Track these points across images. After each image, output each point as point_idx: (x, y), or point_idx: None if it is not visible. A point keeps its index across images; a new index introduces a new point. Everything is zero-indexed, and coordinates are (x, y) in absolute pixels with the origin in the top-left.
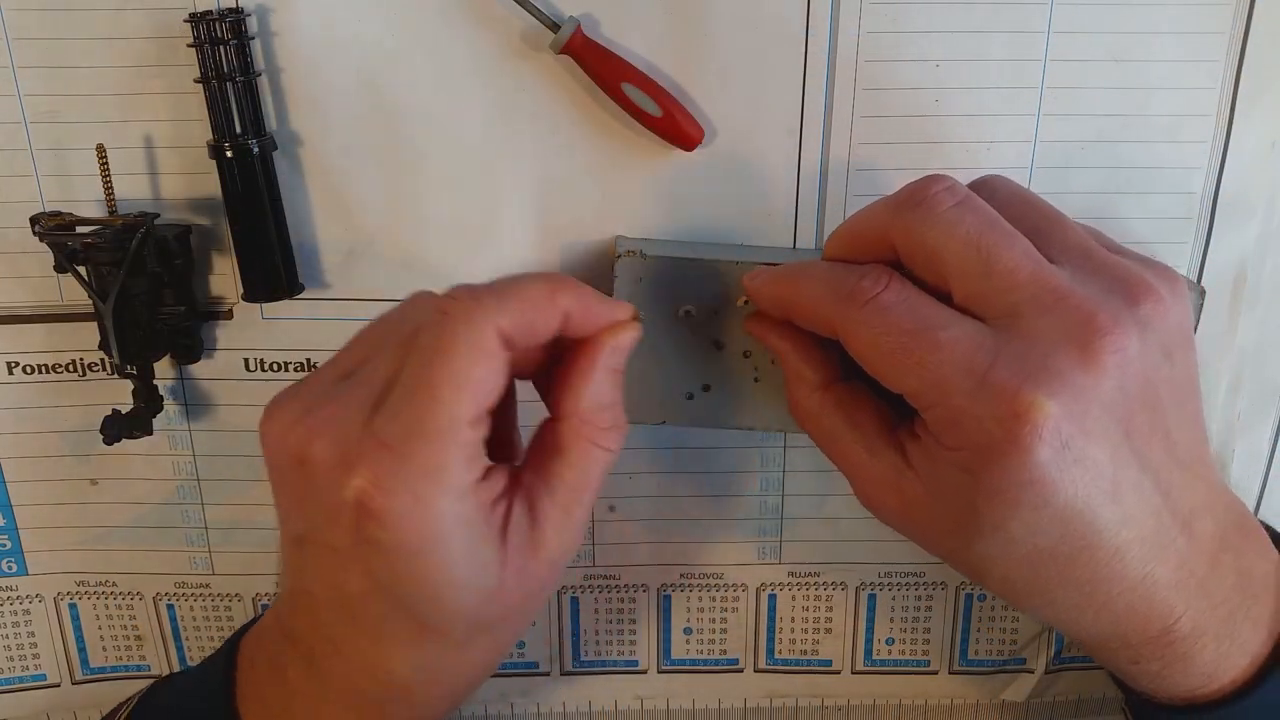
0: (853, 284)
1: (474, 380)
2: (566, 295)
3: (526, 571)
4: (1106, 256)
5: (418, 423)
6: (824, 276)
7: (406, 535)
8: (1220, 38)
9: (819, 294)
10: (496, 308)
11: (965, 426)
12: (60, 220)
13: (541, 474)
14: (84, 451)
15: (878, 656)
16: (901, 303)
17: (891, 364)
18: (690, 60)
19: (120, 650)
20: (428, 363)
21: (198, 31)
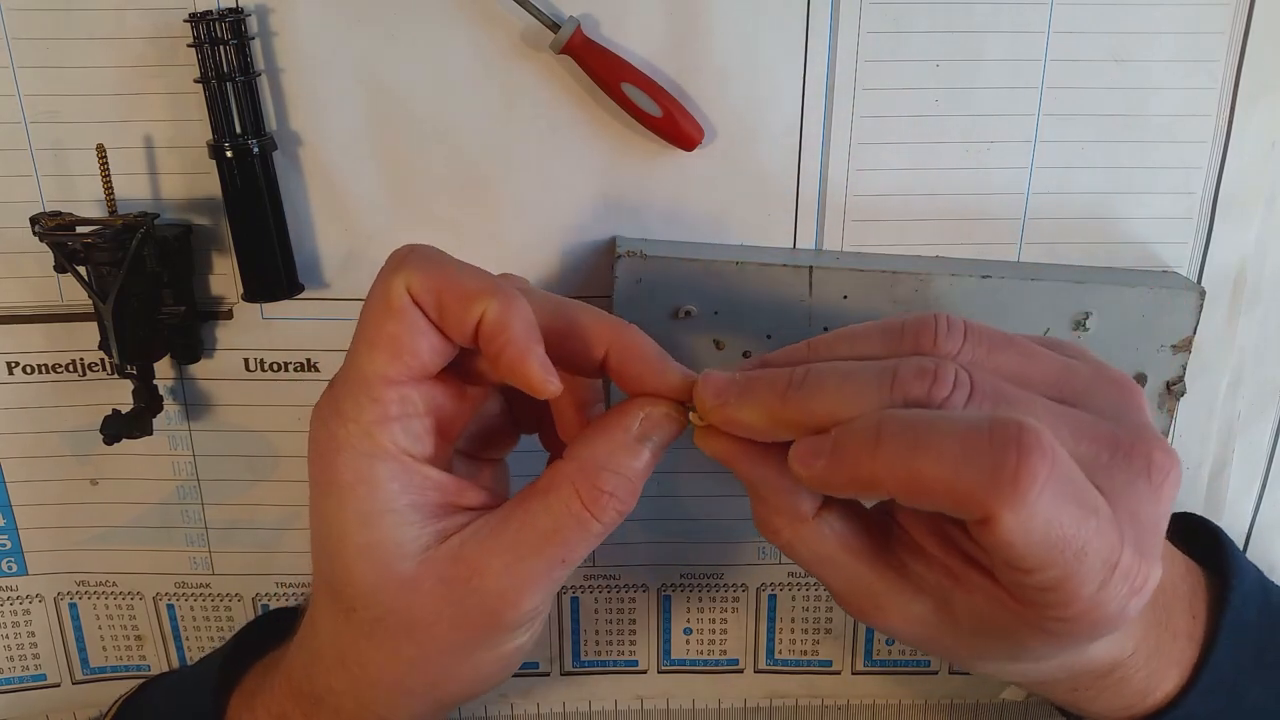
0: (1010, 462)
1: (385, 335)
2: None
3: (450, 586)
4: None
5: (344, 367)
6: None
7: (318, 469)
8: (1220, 38)
9: (949, 477)
10: (414, 270)
11: (1079, 605)
12: (60, 220)
13: (519, 504)
14: (84, 451)
15: (878, 656)
16: (1064, 484)
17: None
18: (690, 60)
19: (120, 650)
20: (358, 322)
21: (198, 31)
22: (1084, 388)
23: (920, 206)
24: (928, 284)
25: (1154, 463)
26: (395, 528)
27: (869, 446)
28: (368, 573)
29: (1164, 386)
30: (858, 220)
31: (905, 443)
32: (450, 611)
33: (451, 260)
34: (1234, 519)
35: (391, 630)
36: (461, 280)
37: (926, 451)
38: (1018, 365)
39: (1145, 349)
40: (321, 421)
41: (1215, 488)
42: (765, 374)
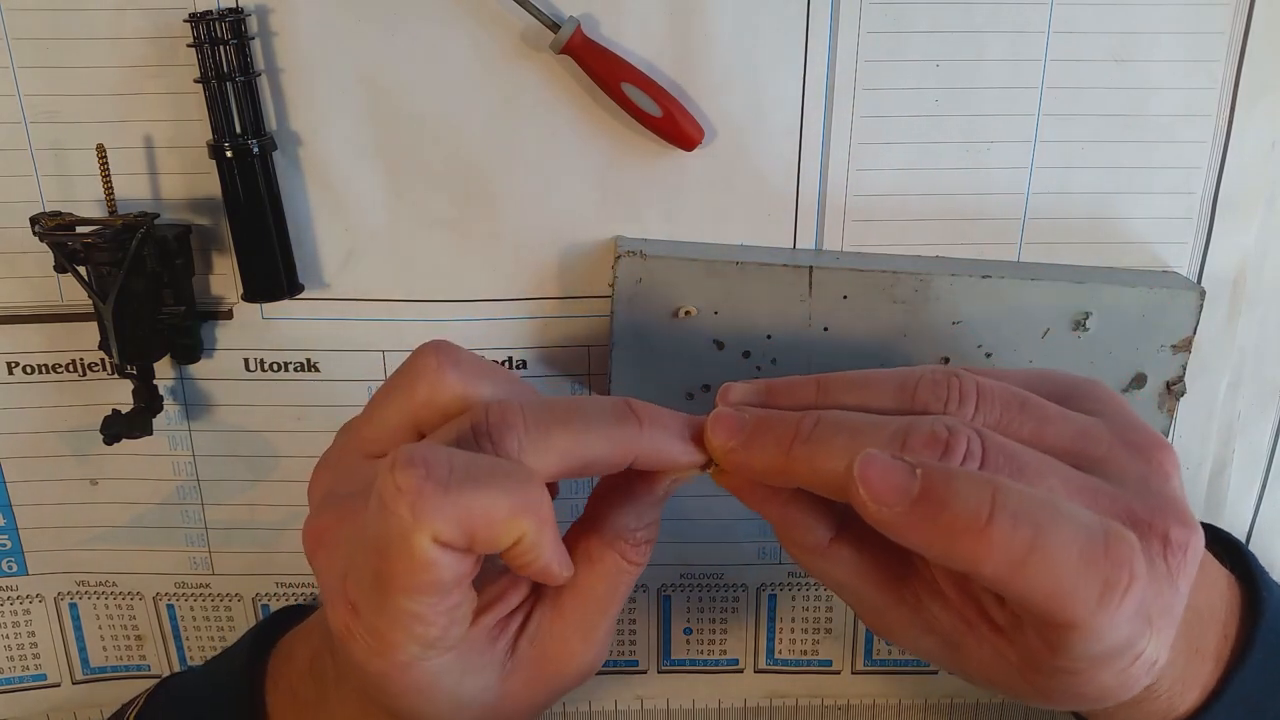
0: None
1: (418, 584)
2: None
3: (538, 680)
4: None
5: (375, 607)
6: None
7: (381, 681)
8: (1220, 38)
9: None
10: (437, 518)
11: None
12: (60, 220)
13: (567, 587)
14: (84, 451)
15: (878, 656)
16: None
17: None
18: (690, 60)
19: (120, 650)
20: (370, 555)
21: (198, 31)
22: (1103, 454)
23: (920, 206)
24: (928, 284)
25: (1171, 541)
26: (476, 683)
27: (978, 517)
28: (464, 716)
29: (1164, 386)
30: (858, 220)
31: (1025, 529)
32: (545, 694)
33: (463, 477)
34: (1234, 519)
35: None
36: (489, 508)
37: (1044, 548)
38: (1033, 430)
39: (1145, 349)
40: (371, 652)
41: (1215, 488)
42: (772, 421)
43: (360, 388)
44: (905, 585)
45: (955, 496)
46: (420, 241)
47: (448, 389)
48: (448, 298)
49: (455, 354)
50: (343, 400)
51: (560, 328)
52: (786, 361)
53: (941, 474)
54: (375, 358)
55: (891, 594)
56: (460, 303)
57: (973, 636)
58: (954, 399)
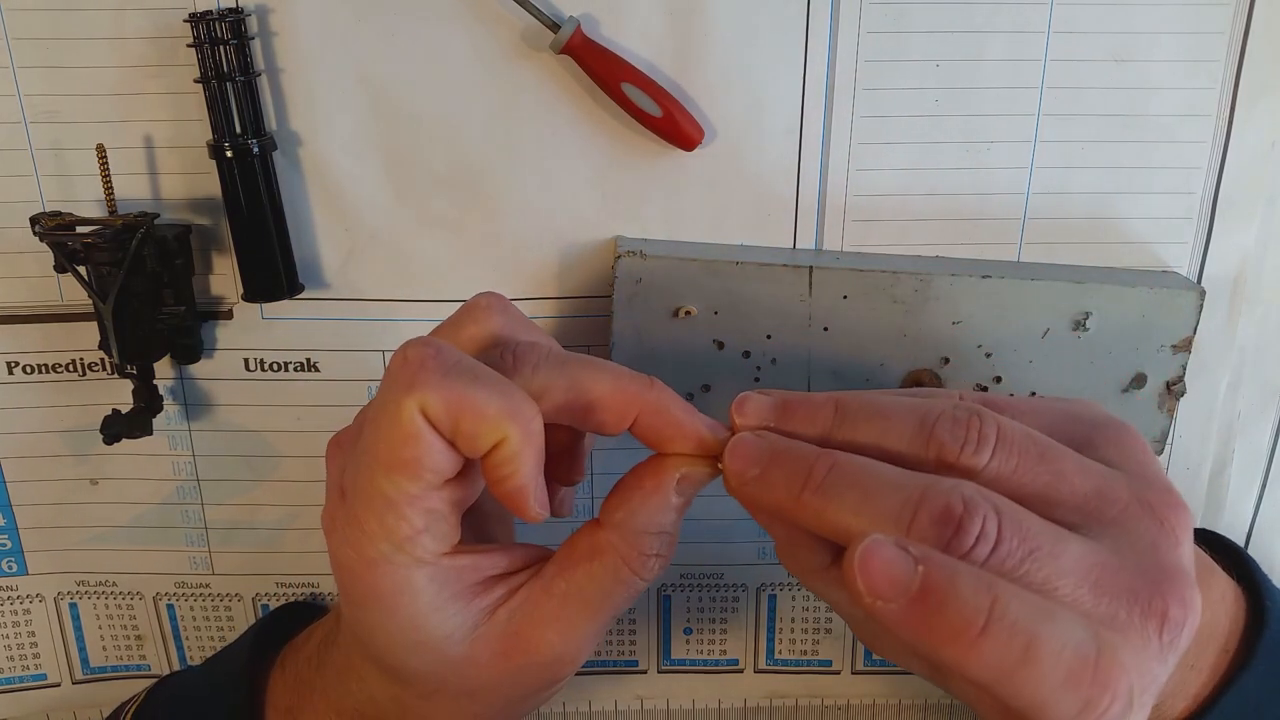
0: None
1: (402, 459)
2: (517, 426)
3: (508, 658)
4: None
5: (359, 483)
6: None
7: (351, 585)
8: (1220, 38)
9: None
10: (426, 389)
11: None
12: (60, 220)
13: (563, 574)
14: (84, 451)
15: (877, 657)
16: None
17: None
18: (690, 60)
19: (120, 650)
20: (366, 434)
21: (198, 31)
22: (1117, 515)
23: (920, 206)
24: (928, 284)
25: (1169, 620)
26: (442, 624)
27: (972, 627)
28: (422, 664)
29: (1164, 386)
30: (858, 220)
31: (1017, 643)
32: (510, 677)
33: (465, 369)
34: (1234, 519)
35: (453, 694)
36: (479, 402)
37: (1033, 664)
38: (1047, 484)
39: (1145, 349)
40: (345, 541)
41: (1215, 488)
42: (788, 457)
43: (360, 388)
44: None
45: (954, 599)
46: (420, 241)
47: (491, 325)
48: (448, 298)
49: (505, 302)
50: (343, 400)
51: (560, 328)
52: (786, 361)
53: (943, 573)
54: (375, 358)
55: None
56: (460, 303)
57: (955, 678)
58: (972, 442)
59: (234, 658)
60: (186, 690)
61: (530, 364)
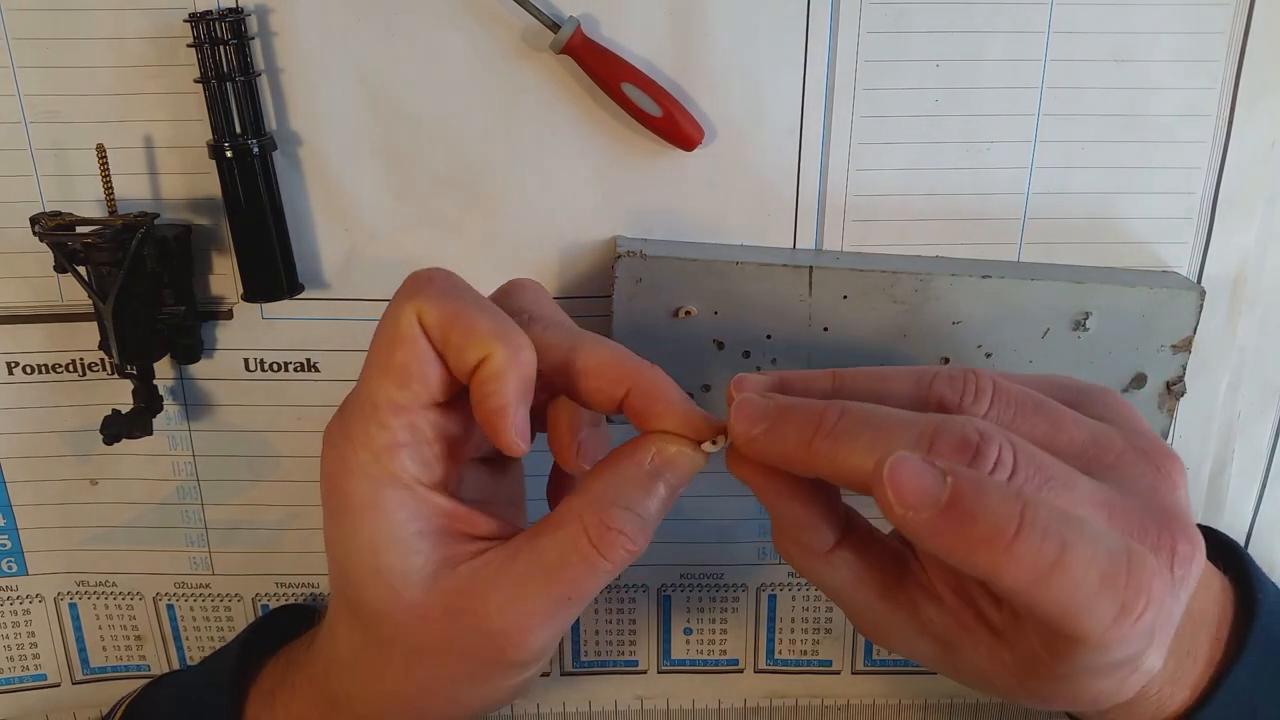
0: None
1: (394, 362)
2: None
3: (457, 618)
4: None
5: (355, 390)
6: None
7: (329, 492)
8: (1220, 38)
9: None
10: (423, 298)
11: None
12: (60, 220)
13: (529, 541)
14: (84, 451)
15: (878, 656)
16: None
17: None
18: (690, 60)
19: (120, 650)
20: (370, 348)
21: (198, 31)
22: (1114, 460)
23: (920, 206)
24: (928, 284)
25: (1178, 554)
26: (403, 555)
27: (1005, 532)
28: (378, 597)
29: (1164, 386)
30: (858, 220)
31: (1051, 547)
32: (458, 643)
33: (468, 293)
34: (1234, 519)
35: (403, 652)
36: (472, 318)
37: (1067, 567)
38: (1046, 432)
39: (1145, 349)
40: (331, 444)
41: (1215, 488)
42: (796, 410)
43: None
44: (901, 590)
45: (985, 508)
46: (420, 241)
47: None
48: None
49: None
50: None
51: None
52: (786, 362)
53: (972, 483)
54: None
55: (888, 599)
56: None
57: (969, 639)
58: (969, 393)
59: (227, 657)
60: (179, 688)
61: (540, 324)
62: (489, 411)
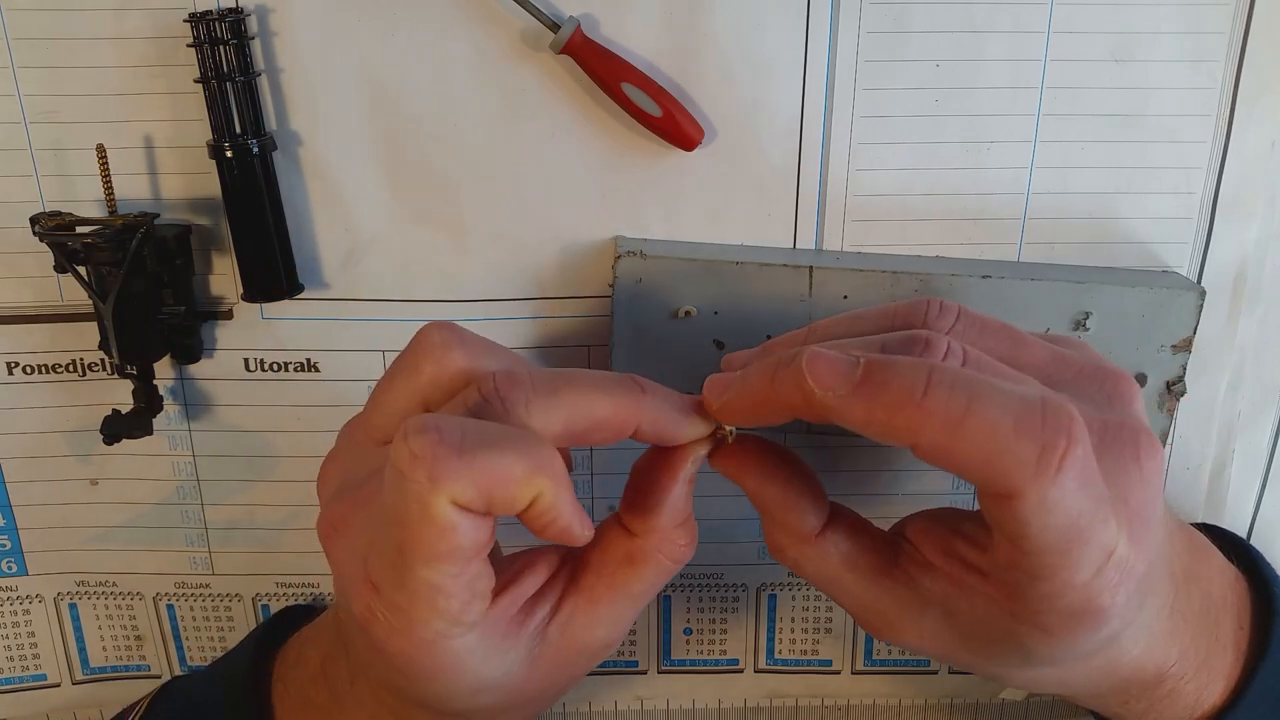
0: (1059, 445)
1: (436, 552)
2: (547, 476)
3: (566, 666)
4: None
5: (396, 581)
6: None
7: (404, 663)
8: (1220, 38)
9: (998, 447)
10: (453, 480)
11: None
12: (60, 220)
13: (604, 580)
14: (84, 451)
15: (878, 656)
16: (1091, 470)
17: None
18: (690, 60)
19: (120, 650)
20: (390, 526)
21: (198, 31)
22: (1072, 377)
23: (920, 206)
24: (928, 284)
25: (1141, 446)
26: (501, 665)
27: (915, 392)
28: (489, 700)
29: (1164, 386)
30: (858, 220)
31: (959, 399)
32: (566, 676)
33: (477, 440)
34: (1234, 519)
35: (516, 705)
36: (505, 470)
37: (978, 414)
38: (1008, 349)
39: (1145, 349)
40: (394, 631)
41: (1215, 488)
42: (760, 363)
43: (360, 388)
44: (896, 567)
45: (894, 375)
46: (420, 241)
47: (453, 364)
48: (448, 298)
49: (458, 331)
50: (343, 400)
51: (560, 328)
52: None
53: (881, 360)
54: (375, 358)
55: (883, 580)
56: (460, 303)
57: (965, 596)
58: (934, 313)
59: (239, 658)
60: (191, 695)
61: (520, 403)
62: (556, 534)
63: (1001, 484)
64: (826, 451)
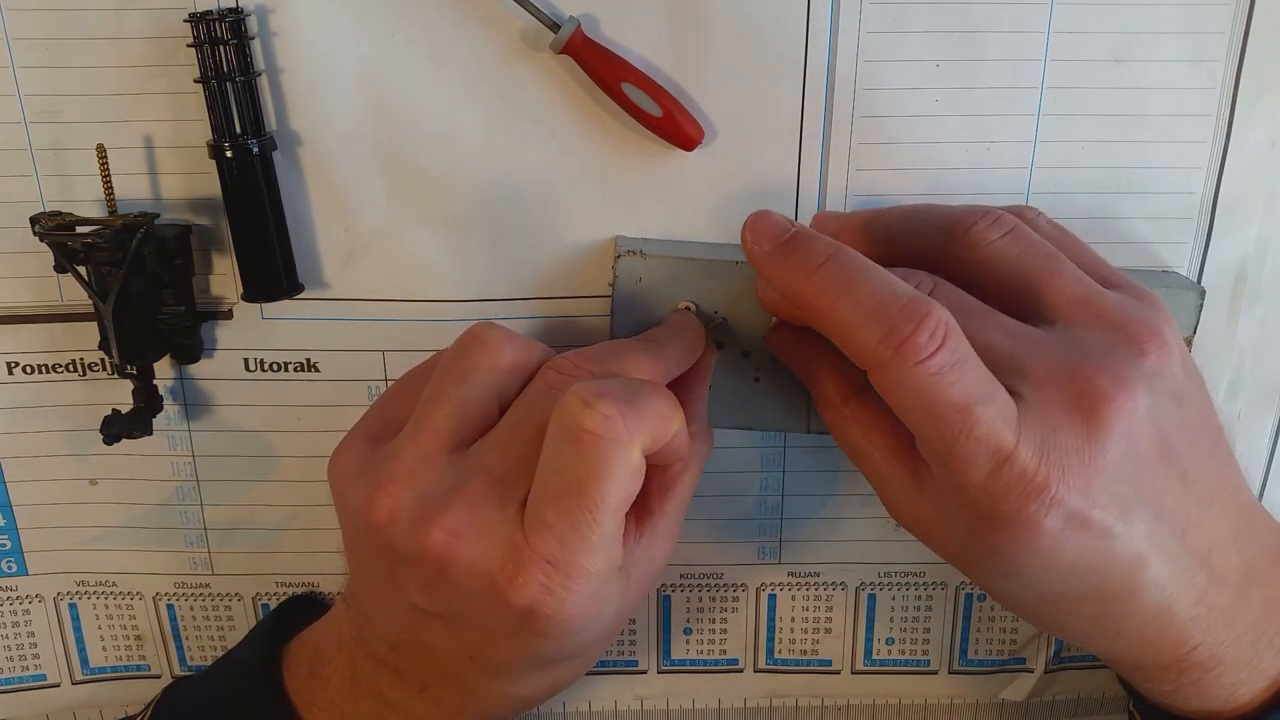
0: (904, 331)
1: (625, 498)
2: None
3: (643, 582)
4: (1105, 302)
5: (581, 541)
6: (866, 303)
7: (570, 623)
8: (1220, 38)
9: (857, 322)
10: (640, 430)
11: (973, 496)
12: (60, 220)
13: (655, 494)
14: (84, 451)
15: (877, 656)
16: (952, 368)
17: (921, 428)
18: (690, 60)
19: (120, 650)
20: (583, 487)
21: (198, 31)
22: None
23: None
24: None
25: (1094, 391)
26: (619, 597)
27: (812, 264)
28: (602, 630)
29: None
30: None
31: (841, 279)
32: (641, 598)
33: (633, 390)
34: None
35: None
36: (665, 411)
37: (849, 294)
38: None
39: None
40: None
41: None
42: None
43: (360, 388)
44: (909, 451)
45: (806, 245)
46: (420, 241)
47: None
48: (448, 298)
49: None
50: (343, 400)
51: (560, 328)
52: None
53: (805, 234)
54: (375, 358)
55: (894, 460)
56: (460, 303)
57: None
58: (989, 219)
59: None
60: (202, 694)
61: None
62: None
63: (855, 358)
64: (824, 451)
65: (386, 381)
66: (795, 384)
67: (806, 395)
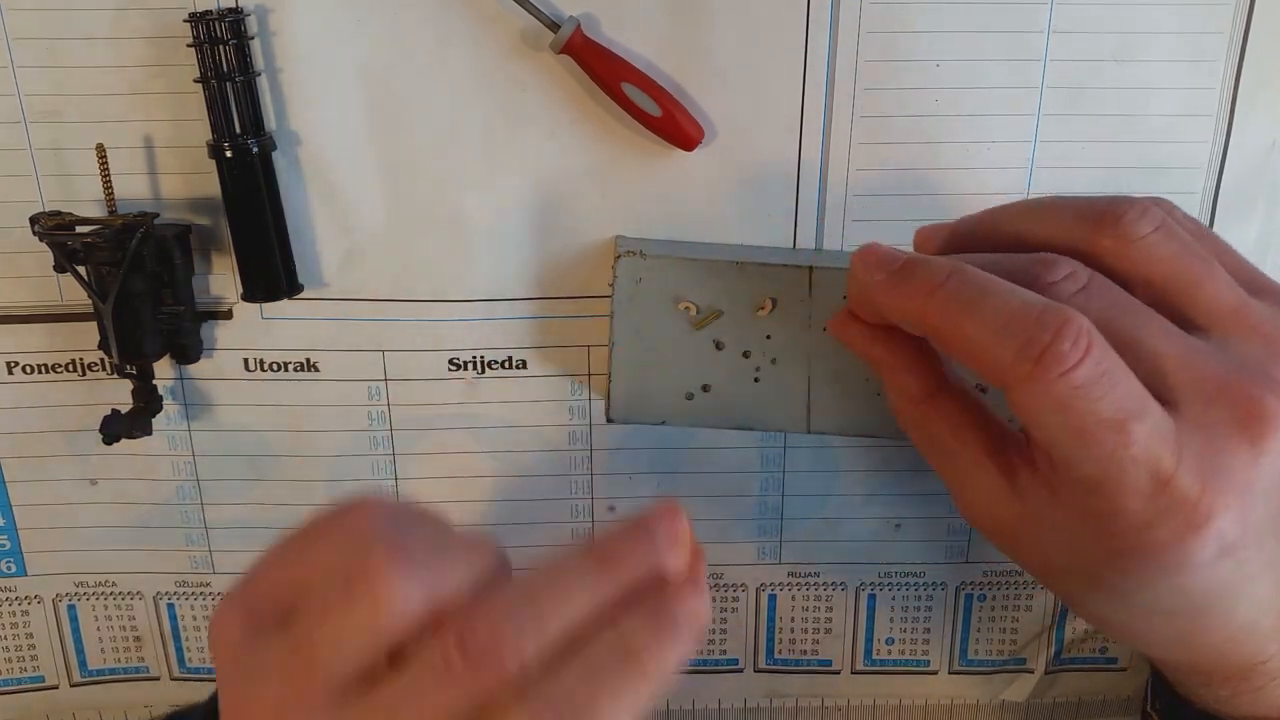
0: (1043, 341)
1: None
2: None
3: None
4: (1258, 312)
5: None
6: (996, 317)
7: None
8: (1220, 38)
9: (988, 338)
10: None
11: (1129, 520)
12: (60, 220)
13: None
14: (84, 451)
15: (878, 656)
16: (1100, 380)
17: (1064, 447)
18: (690, 60)
19: (119, 651)
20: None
21: (197, 31)
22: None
23: (920, 206)
24: None
25: (1259, 412)
26: None
27: (932, 285)
28: None
29: None
30: (858, 220)
31: (966, 295)
32: None
33: None
34: None
35: None
36: None
37: (977, 311)
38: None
39: None
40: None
41: None
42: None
43: (360, 388)
44: (1000, 454)
45: (921, 269)
46: (420, 241)
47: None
48: (448, 298)
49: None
50: (343, 400)
51: (560, 328)
52: (786, 361)
53: (918, 257)
54: (375, 358)
55: (989, 459)
56: (460, 303)
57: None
58: (1138, 211)
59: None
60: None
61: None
62: None
63: (988, 376)
64: (824, 451)
65: (386, 381)
66: (795, 384)
67: (807, 395)
